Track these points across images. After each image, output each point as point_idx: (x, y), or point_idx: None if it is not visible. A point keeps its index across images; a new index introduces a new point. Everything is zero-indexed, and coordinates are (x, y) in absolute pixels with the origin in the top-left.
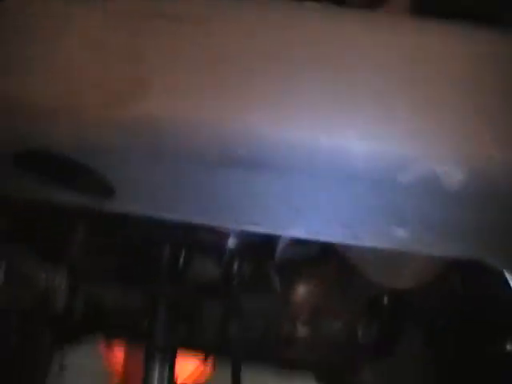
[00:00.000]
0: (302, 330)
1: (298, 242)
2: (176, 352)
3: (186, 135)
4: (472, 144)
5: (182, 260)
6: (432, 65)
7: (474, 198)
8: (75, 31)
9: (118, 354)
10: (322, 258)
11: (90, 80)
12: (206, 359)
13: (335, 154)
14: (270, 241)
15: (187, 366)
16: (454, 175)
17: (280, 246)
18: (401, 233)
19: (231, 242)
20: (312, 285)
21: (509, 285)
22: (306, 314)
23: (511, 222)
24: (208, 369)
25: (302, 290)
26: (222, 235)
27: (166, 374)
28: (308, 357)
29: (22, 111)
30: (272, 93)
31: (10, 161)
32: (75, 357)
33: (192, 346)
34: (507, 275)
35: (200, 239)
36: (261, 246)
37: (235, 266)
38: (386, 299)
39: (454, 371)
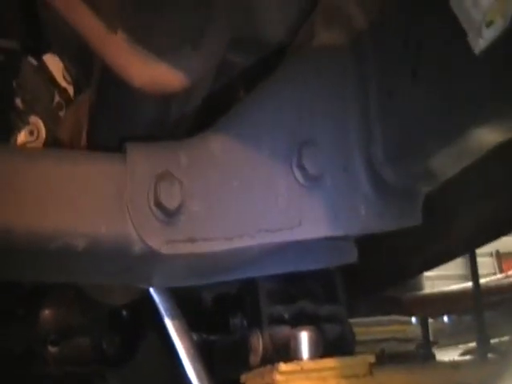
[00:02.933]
0: (52, 349)
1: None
2: None
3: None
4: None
5: None
6: None
7: (95, 255)
8: None
9: None
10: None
11: None
12: None
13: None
14: None
15: None
16: (79, 243)
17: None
18: None
19: None
20: (57, 310)
21: None
22: (54, 334)
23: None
24: None
25: (48, 316)
26: None
27: None
28: (59, 371)
29: None
30: None
31: None
32: None
33: None
34: None
35: None
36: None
37: None
38: (124, 313)
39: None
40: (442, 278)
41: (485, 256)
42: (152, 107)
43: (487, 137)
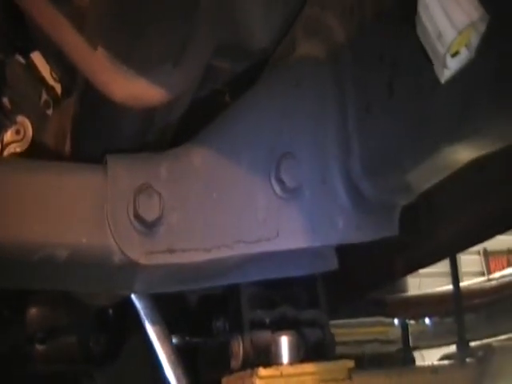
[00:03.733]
0: (39, 347)
1: None
2: None
3: None
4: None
5: None
6: None
7: (78, 266)
8: None
9: None
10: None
11: None
12: None
13: None
14: None
15: None
16: (60, 254)
17: None
18: None
19: None
20: (43, 308)
21: None
22: (41, 332)
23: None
24: None
25: (35, 314)
26: None
27: None
28: (46, 369)
29: None
30: None
31: None
32: None
33: None
34: None
35: None
36: None
37: None
38: (111, 313)
39: None
40: (429, 276)
41: (472, 254)
42: (135, 119)
43: (461, 154)
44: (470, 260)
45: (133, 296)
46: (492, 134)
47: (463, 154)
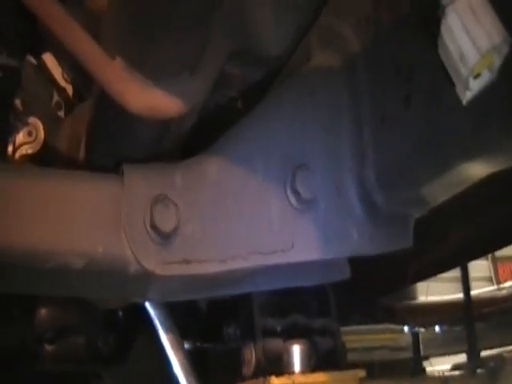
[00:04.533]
0: (48, 347)
1: None
2: None
3: None
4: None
5: None
6: None
7: (93, 274)
8: None
9: None
10: None
11: None
12: None
13: None
14: None
15: None
16: (77, 262)
17: None
18: None
19: None
20: (53, 308)
21: None
22: (50, 332)
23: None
24: None
25: (44, 314)
26: None
27: None
28: (55, 369)
29: None
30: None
31: None
32: None
33: None
34: None
35: None
36: None
37: None
38: (120, 314)
39: None
40: (438, 281)
41: (481, 259)
42: (151, 126)
43: (475, 170)
44: (478, 265)
45: (147, 303)
46: (505, 154)
47: (477, 170)
